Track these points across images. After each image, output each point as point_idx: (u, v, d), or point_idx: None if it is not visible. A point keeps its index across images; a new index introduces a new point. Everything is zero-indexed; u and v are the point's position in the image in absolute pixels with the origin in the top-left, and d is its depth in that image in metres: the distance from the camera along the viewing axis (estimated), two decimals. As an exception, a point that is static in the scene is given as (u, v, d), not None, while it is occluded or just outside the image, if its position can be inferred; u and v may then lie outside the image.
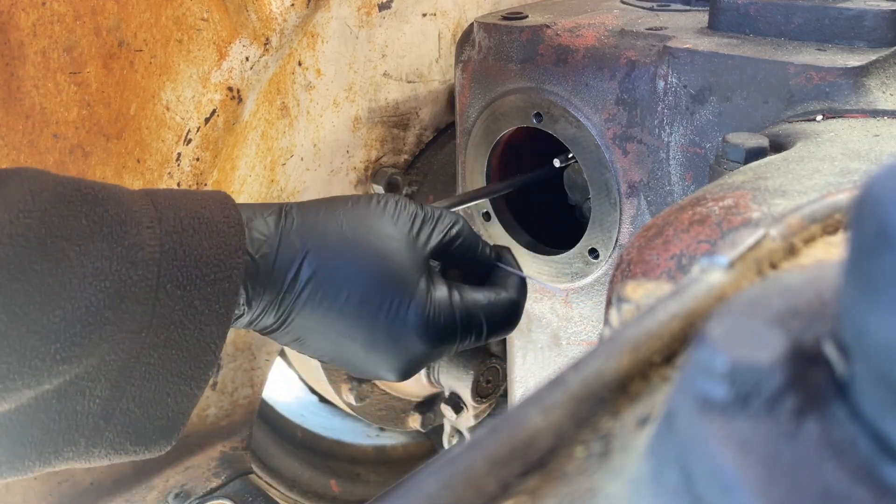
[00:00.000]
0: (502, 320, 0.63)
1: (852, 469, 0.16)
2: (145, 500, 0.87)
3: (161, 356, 0.51)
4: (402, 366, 0.61)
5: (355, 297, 0.57)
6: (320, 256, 0.57)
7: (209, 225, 0.54)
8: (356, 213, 0.60)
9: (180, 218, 0.53)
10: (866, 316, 0.17)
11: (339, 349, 0.60)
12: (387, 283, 0.58)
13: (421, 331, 0.59)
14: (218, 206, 0.55)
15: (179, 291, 0.52)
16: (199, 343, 0.53)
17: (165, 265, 0.51)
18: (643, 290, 0.26)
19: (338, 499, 1.19)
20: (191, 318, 0.52)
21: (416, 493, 0.18)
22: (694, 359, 0.18)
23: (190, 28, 0.75)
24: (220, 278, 0.53)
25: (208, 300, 0.53)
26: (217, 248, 0.53)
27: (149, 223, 0.52)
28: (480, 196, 0.82)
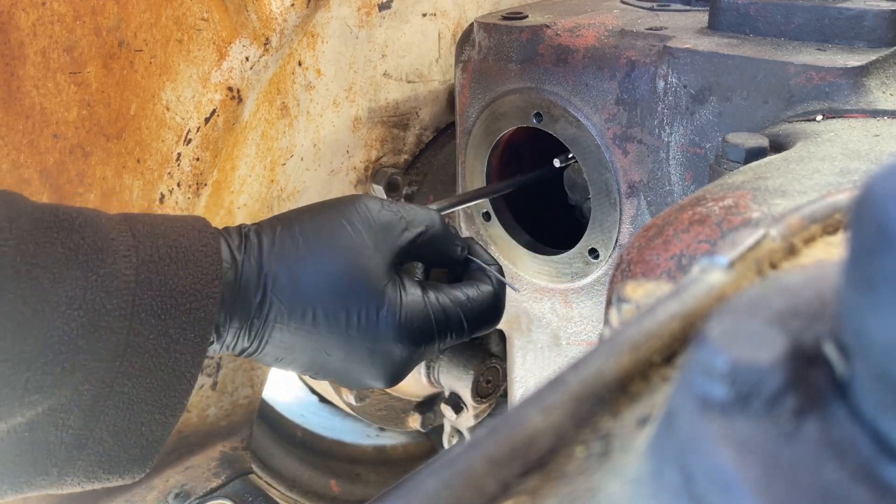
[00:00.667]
0: (483, 314, 0.63)
1: (852, 469, 0.16)
2: (145, 500, 0.87)
3: (135, 385, 0.51)
4: (386, 373, 0.60)
5: (322, 312, 0.57)
6: (280, 276, 0.57)
7: (186, 254, 0.54)
8: (314, 224, 0.59)
9: (157, 246, 0.53)
10: (866, 316, 0.17)
11: (320, 363, 0.59)
12: (353, 293, 0.57)
13: (396, 336, 0.58)
14: (196, 235, 0.55)
15: (154, 320, 0.51)
16: (174, 372, 0.53)
17: (140, 294, 0.51)
18: (643, 290, 0.26)
19: (338, 499, 1.19)
20: (165, 346, 0.52)
21: (416, 493, 0.18)
22: (694, 359, 0.18)
23: (190, 28, 0.75)
24: (196, 307, 0.53)
25: (183, 329, 0.53)
26: (193, 277, 0.53)
27: (125, 252, 0.52)
28: (480, 196, 0.82)
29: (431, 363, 1.02)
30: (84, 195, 0.73)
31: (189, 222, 0.57)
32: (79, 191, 0.72)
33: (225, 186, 0.83)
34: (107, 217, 0.54)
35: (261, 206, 0.88)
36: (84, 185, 0.73)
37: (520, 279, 0.86)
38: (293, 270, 0.57)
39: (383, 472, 1.27)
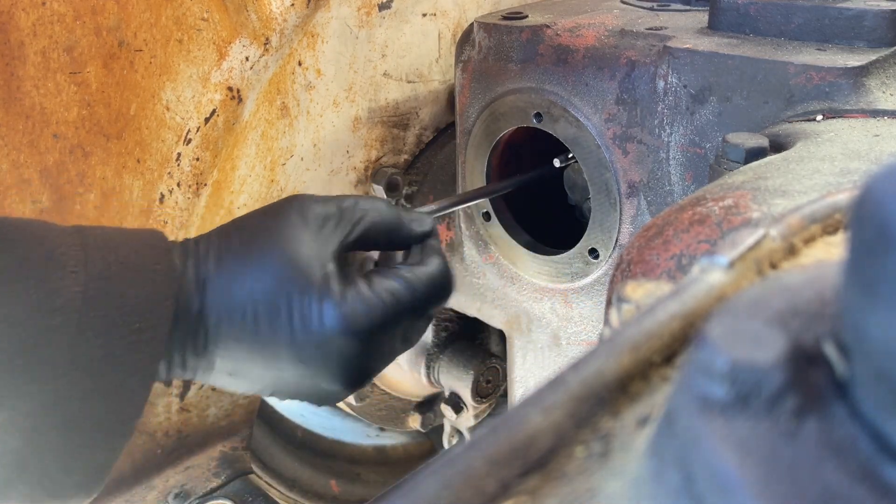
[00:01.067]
0: (433, 286, 0.59)
1: (852, 469, 0.16)
2: (145, 500, 0.87)
3: (80, 408, 0.49)
4: (343, 373, 0.56)
5: (262, 311, 0.54)
6: (217, 280, 0.55)
7: (138, 271, 0.51)
8: (251, 226, 0.57)
9: (108, 262, 0.51)
10: (866, 316, 0.17)
11: (273, 374, 0.56)
12: (290, 289, 0.54)
13: (344, 327, 0.54)
14: (150, 251, 0.53)
15: (100, 339, 0.49)
16: (121, 394, 0.50)
17: (87, 312, 0.49)
18: (643, 290, 0.26)
19: (338, 499, 1.19)
20: (112, 367, 0.49)
21: (416, 493, 0.18)
22: (694, 359, 0.18)
23: (190, 28, 0.75)
24: (145, 327, 0.51)
25: (131, 350, 0.50)
26: (144, 295, 0.51)
27: (73, 267, 0.49)
28: (480, 196, 0.82)
29: (431, 363, 1.02)
30: (84, 195, 0.73)
31: (144, 237, 0.54)
32: (79, 191, 0.73)
33: (225, 186, 0.83)
34: (58, 230, 0.51)
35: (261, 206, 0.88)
36: (84, 185, 0.73)
37: (520, 279, 0.86)
38: (229, 273, 0.55)
39: (383, 472, 1.27)
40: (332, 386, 0.57)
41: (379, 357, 0.59)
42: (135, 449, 0.85)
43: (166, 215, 0.79)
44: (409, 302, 0.57)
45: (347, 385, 0.57)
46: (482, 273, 0.90)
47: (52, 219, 0.71)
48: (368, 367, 0.58)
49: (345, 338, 0.54)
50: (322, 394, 0.58)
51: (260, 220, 0.58)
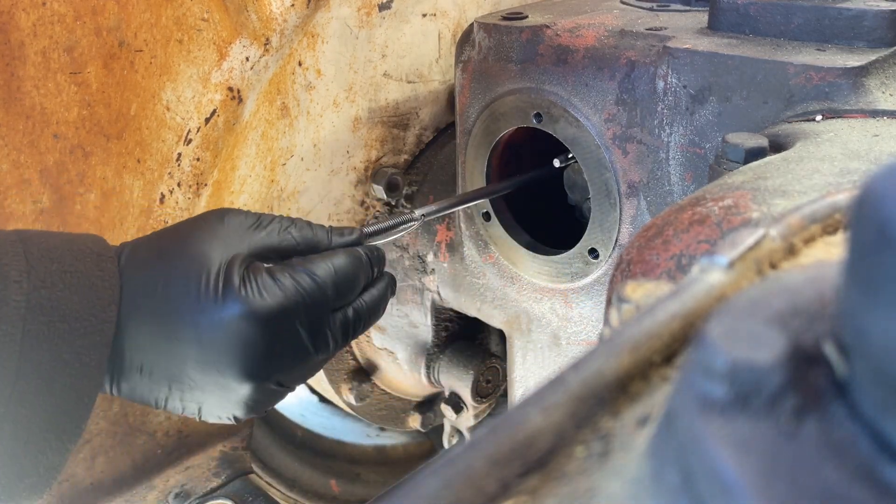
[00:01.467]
0: (339, 277, 0.60)
1: (852, 469, 0.16)
2: (145, 499, 0.87)
3: (30, 411, 0.50)
4: (244, 358, 0.56)
5: (166, 300, 0.55)
6: (128, 280, 0.56)
7: (81, 278, 0.53)
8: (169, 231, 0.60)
9: (51, 272, 0.52)
10: (866, 316, 0.17)
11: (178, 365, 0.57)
12: (193, 278, 0.56)
13: (243, 310, 0.55)
14: (93, 259, 0.55)
15: (46, 345, 0.51)
16: (71, 396, 0.52)
17: (31, 320, 0.50)
18: (643, 290, 0.26)
19: (338, 499, 1.19)
20: (60, 371, 0.51)
21: (416, 493, 0.18)
22: (694, 359, 0.18)
23: (190, 28, 0.75)
24: (91, 331, 0.53)
25: (78, 353, 0.52)
26: (88, 301, 0.53)
27: (16, 277, 0.51)
28: (480, 196, 0.82)
29: (431, 363, 1.02)
30: (84, 195, 0.73)
31: (87, 244, 0.56)
32: (79, 191, 0.73)
33: (225, 186, 0.83)
34: (1, 239, 0.53)
35: (261, 207, 0.88)
36: (84, 185, 0.73)
37: (520, 279, 0.86)
38: (140, 268, 0.57)
39: (383, 472, 1.28)
40: (235, 375, 0.57)
41: (282, 345, 0.58)
42: (135, 449, 0.85)
43: (166, 215, 0.79)
44: (311, 289, 0.58)
45: (250, 373, 0.57)
46: (482, 273, 0.90)
47: (52, 219, 0.71)
48: (270, 354, 0.57)
49: (244, 320, 0.55)
50: (228, 391, 0.58)
51: (180, 224, 0.61)
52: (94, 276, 0.54)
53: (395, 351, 1.05)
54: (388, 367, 1.08)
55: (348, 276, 0.61)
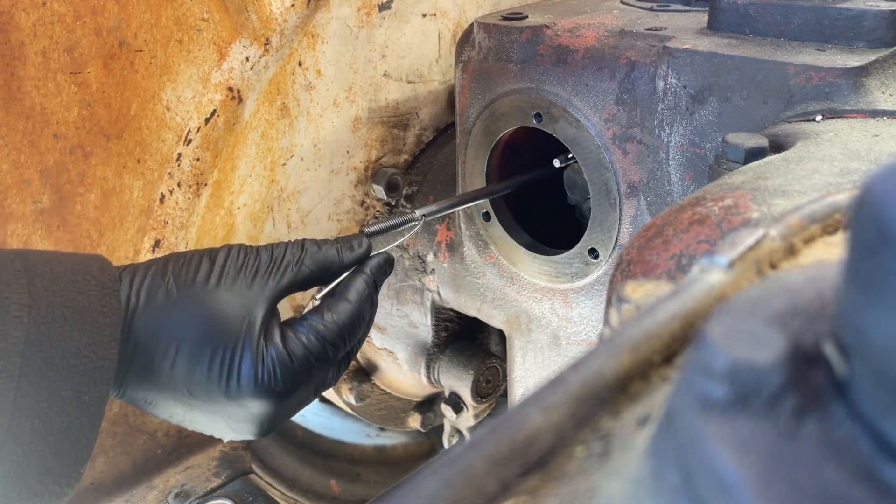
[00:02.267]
0: (345, 334, 0.62)
1: (852, 469, 0.16)
2: (145, 499, 0.87)
3: (26, 452, 0.48)
4: (254, 426, 0.59)
5: (183, 358, 0.55)
6: (144, 320, 0.55)
7: (84, 314, 0.51)
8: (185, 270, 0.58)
9: (53, 307, 0.51)
10: (866, 316, 0.17)
11: (188, 412, 0.58)
12: (211, 343, 0.56)
13: (259, 390, 0.57)
14: (97, 291, 0.53)
15: (44, 382, 0.49)
16: (68, 437, 0.50)
17: (29, 356, 0.49)
18: (643, 290, 0.26)
19: (338, 499, 1.19)
20: (57, 410, 0.49)
21: (416, 493, 0.18)
22: (694, 359, 0.18)
23: (190, 28, 0.75)
24: (91, 368, 0.51)
25: (77, 391, 0.50)
26: (90, 338, 0.51)
27: (17, 311, 0.49)
28: (481, 196, 0.82)
29: (431, 363, 1.02)
30: (84, 195, 0.73)
31: (92, 272, 0.54)
32: (79, 191, 0.73)
33: (225, 186, 0.83)
34: (4, 266, 0.51)
35: (261, 207, 0.88)
36: (84, 186, 0.73)
37: (520, 279, 0.86)
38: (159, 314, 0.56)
39: (383, 472, 1.28)
40: (243, 432, 0.59)
41: (290, 411, 0.61)
42: (135, 449, 0.85)
43: (166, 215, 0.79)
44: (320, 353, 0.60)
45: (257, 434, 0.60)
46: (482, 273, 0.90)
47: (52, 219, 0.71)
48: (279, 419, 0.60)
49: (259, 400, 0.57)
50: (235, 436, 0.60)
51: (194, 264, 0.59)
52: (96, 312, 0.52)
53: (395, 351, 1.05)
54: (388, 368, 1.08)
55: (356, 323, 0.63)
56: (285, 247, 0.62)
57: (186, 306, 0.56)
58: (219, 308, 0.57)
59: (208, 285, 0.58)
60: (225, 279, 0.58)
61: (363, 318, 0.64)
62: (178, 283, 0.57)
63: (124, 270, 0.58)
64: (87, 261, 0.55)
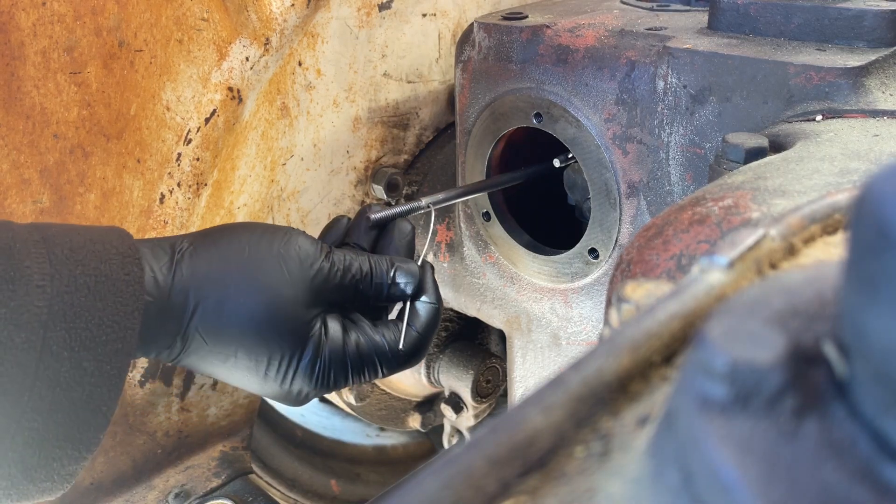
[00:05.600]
0: (403, 359, 0.63)
1: (852, 469, 0.16)
2: (145, 499, 0.87)
3: (46, 421, 0.48)
4: (291, 402, 0.62)
5: (244, 354, 0.57)
6: (207, 312, 0.56)
7: (107, 283, 0.51)
8: (249, 260, 0.58)
9: (75, 276, 0.50)
10: (866, 316, 0.17)
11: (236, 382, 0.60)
12: (276, 339, 0.57)
13: (310, 381, 0.59)
14: (119, 260, 0.53)
15: (67, 353, 0.49)
16: (89, 406, 0.50)
17: (53, 326, 0.48)
18: (643, 290, 0.26)
19: (338, 499, 1.19)
20: (79, 380, 0.49)
21: (416, 493, 0.18)
22: (694, 359, 0.18)
23: (190, 28, 0.75)
24: (114, 339, 0.51)
25: (99, 361, 0.50)
26: (113, 307, 0.51)
27: (39, 281, 0.49)
28: (487, 187, 0.81)
29: (431, 363, 1.02)
30: (84, 195, 0.73)
31: (112, 242, 0.54)
32: (79, 191, 0.73)
33: (225, 186, 0.83)
34: (23, 238, 0.51)
35: (261, 206, 0.88)
36: (84, 185, 0.73)
37: (520, 279, 0.86)
38: (221, 307, 0.56)
39: (383, 472, 1.28)
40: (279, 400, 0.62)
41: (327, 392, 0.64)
42: (135, 449, 0.85)
43: (167, 215, 0.79)
44: (373, 369, 0.62)
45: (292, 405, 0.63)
46: (482, 273, 0.90)
47: (52, 219, 0.71)
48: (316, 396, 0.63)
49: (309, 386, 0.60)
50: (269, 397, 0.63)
51: (259, 256, 0.59)
52: (119, 281, 0.52)
53: (395, 351, 1.05)
54: (388, 367, 1.08)
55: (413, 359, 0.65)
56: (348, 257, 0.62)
57: (250, 302, 0.57)
58: (279, 305, 0.57)
59: (270, 280, 0.57)
60: (288, 274, 0.58)
61: (423, 347, 0.65)
62: (241, 274, 0.57)
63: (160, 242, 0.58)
64: (105, 231, 0.55)
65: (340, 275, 0.61)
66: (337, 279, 0.61)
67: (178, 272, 0.55)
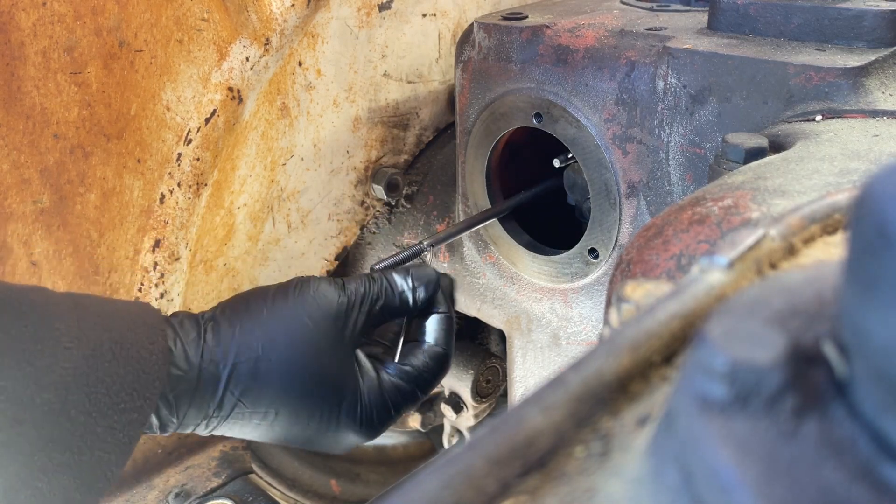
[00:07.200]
0: (433, 378, 0.65)
1: (852, 469, 0.16)
2: (145, 499, 0.87)
3: (50, 482, 0.48)
4: (343, 449, 0.63)
5: (284, 415, 0.57)
6: (242, 378, 0.56)
7: (131, 349, 0.52)
8: (275, 323, 0.59)
9: (102, 341, 0.51)
10: (866, 316, 0.17)
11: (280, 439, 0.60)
12: (314, 387, 0.57)
13: (356, 429, 0.60)
14: (145, 329, 0.54)
15: (83, 417, 0.49)
16: (95, 471, 0.50)
17: (74, 390, 0.49)
18: (643, 290, 0.26)
19: (338, 499, 1.19)
20: (90, 445, 0.50)
21: (416, 493, 0.18)
22: (694, 359, 0.18)
23: (190, 28, 0.75)
24: (130, 407, 0.51)
25: (112, 428, 0.50)
26: (134, 374, 0.51)
27: (67, 343, 0.49)
28: (485, 219, 0.82)
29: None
30: (84, 195, 0.73)
31: (139, 314, 0.55)
32: (79, 191, 0.73)
33: (225, 186, 0.83)
34: (56, 302, 0.52)
35: (261, 206, 0.88)
36: (84, 185, 0.73)
37: (520, 279, 0.86)
38: (254, 368, 0.57)
39: (383, 472, 1.27)
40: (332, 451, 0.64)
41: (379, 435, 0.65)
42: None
43: (167, 215, 0.79)
44: (412, 397, 0.64)
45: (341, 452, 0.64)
46: (482, 273, 0.91)
47: (52, 219, 0.71)
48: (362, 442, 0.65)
49: (356, 435, 0.61)
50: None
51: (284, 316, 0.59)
52: (143, 349, 0.53)
53: (395, 351, 1.05)
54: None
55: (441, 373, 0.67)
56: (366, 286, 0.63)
57: (283, 364, 0.57)
58: (313, 362, 0.58)
59: (300, 338, 0.58)
60: (316, 329, 0.59)
61: (445, 367, 0.66)
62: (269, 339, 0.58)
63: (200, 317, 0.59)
64: (132, 304, 0.57)
65: (361, 300, 0.61)
66: (359, 305, 0.61)
67: (205, 345, 0.56)
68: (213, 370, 0.56)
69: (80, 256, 0.74)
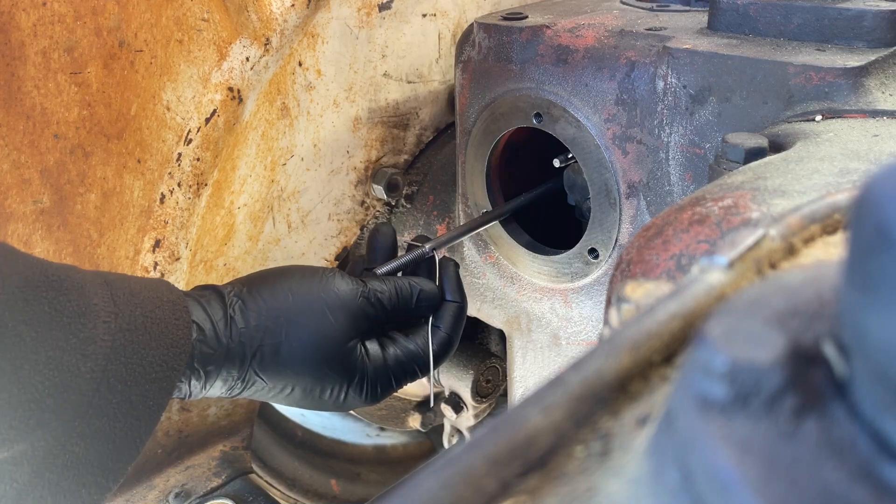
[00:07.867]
0: (436, 359, 0.70)
1: (852, 469, 0.16)
2: (145, 499, 0.87)
3: (87, 447, 0.52)
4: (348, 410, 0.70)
5: (300, 388, 0.64)
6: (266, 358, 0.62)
7: (160, 325, 0.57)
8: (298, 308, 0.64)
9: (135, 316, 0.56)
10: (866, 316, 0.17)
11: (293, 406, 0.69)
12: (328, 373, 0.64)
13: (360, 397, 0.67)
14: (170, 307, 0.58)
15: (121, 386, 0.53)
16: (128, 437, 0.55)
17: (114, 359, 0.53)
18: (643, 290, 0.26)
19: (338, 498, 1.19)
20: (125, 412, 0.54)
21: (416, 493, 0.18)
22: (693, 359, 0.18)
23: (190, 28, 0.75)
24: (160, 377, 0.56)
25: (145, 397, 0.55)
26: (164, 349, 0.56)
27: (105, 317, 0.54)
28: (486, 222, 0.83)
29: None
30: (85, 195, 0.73)
31: (163, 293, 0.60)
32: (79, 191, 0.73)
33: (225, 186, 0.83)
34: (90, 280, 0.56)
35: (261, 206, 0.88)
36: (84, 185, 0.73)
37: (520, 279, 0.86)
38: (277, 352, 0.63)
39: (383, 471, 1.27)
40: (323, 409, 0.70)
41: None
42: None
43: (167, 215, 0.79)
44: (413, 373, 0.70)
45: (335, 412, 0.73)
46: (482, 273, 0.91)
47: (52, 219, 0.71)
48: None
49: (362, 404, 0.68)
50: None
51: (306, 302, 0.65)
52: (170, 325, 0.57)
53: (395, 351, 1.05)
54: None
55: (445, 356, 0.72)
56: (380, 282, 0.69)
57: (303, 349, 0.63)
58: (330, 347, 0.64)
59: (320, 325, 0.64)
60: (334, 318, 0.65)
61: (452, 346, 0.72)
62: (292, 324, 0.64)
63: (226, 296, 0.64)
64: (155, 281, 0.61)
65: (375, 309, 0.67)
66: (373, 313, 0.67)
67: (233, 326, 0.62)
68: (239, 350, 0.61)
69: (80, 256, 0.74)
